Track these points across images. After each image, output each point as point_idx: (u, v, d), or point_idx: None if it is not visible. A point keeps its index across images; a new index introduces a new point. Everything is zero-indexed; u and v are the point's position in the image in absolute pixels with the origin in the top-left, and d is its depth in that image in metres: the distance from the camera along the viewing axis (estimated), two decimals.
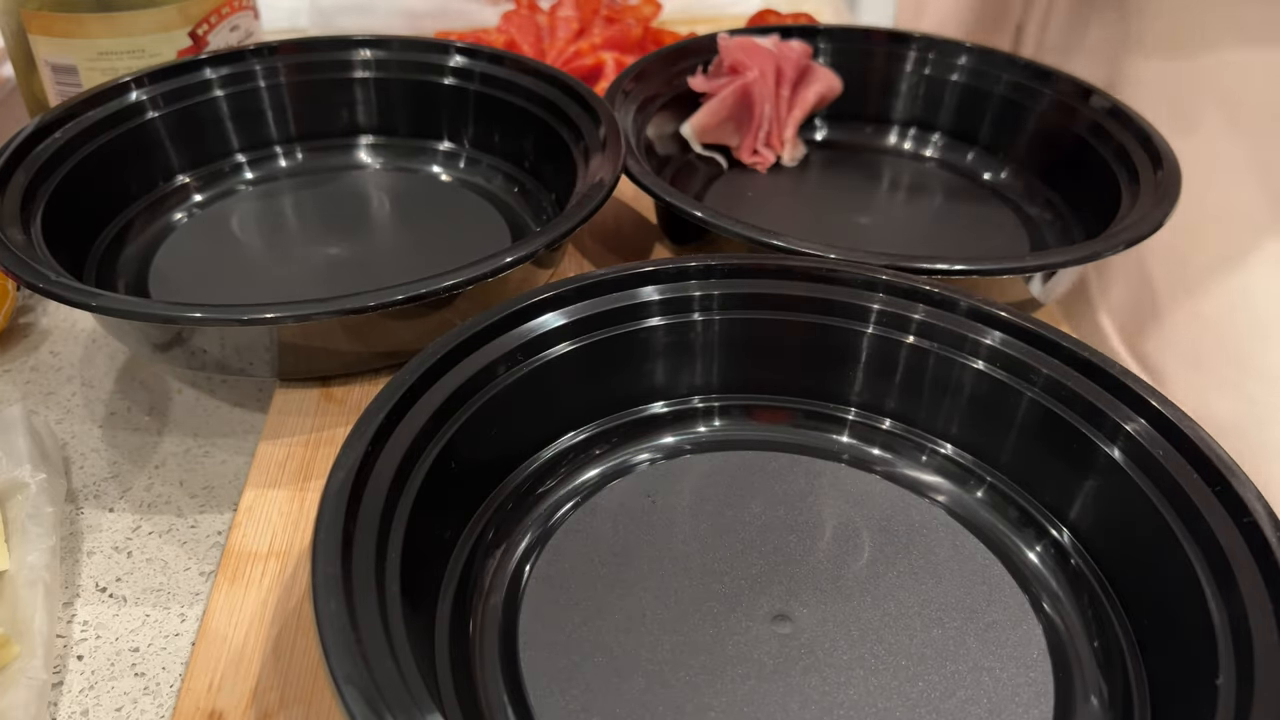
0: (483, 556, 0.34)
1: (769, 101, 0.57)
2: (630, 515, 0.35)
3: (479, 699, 0.30)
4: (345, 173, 0.56)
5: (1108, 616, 0.33)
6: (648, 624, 0.32)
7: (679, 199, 0.45)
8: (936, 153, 0.61)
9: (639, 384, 0.39)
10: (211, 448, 0.42)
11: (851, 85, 0.61)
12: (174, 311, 0.37)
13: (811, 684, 0.30)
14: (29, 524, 0.35)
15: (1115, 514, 0.34)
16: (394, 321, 0.41)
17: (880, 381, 0.39)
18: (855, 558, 0.34)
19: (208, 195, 0.53)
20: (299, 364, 0.42)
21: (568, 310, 0.37)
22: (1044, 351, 0.36)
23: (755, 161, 0.58)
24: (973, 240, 0.53)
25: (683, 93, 0.58)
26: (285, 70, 0.54)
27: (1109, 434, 0.34)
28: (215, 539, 0.38)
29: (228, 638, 0.33)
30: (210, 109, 0.53)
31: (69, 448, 0.42)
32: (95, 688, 0.33)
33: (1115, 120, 0.53)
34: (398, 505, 0.30)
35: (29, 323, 0.49)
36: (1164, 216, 0.45)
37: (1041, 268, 0.43)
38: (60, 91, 0.55)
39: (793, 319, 0.39)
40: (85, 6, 0.52)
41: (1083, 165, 0.53)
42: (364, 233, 0.51)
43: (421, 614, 0.30)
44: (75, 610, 0.35)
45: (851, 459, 0.38)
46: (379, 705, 0.23)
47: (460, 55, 0.55)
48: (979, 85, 0.59)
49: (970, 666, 0.31)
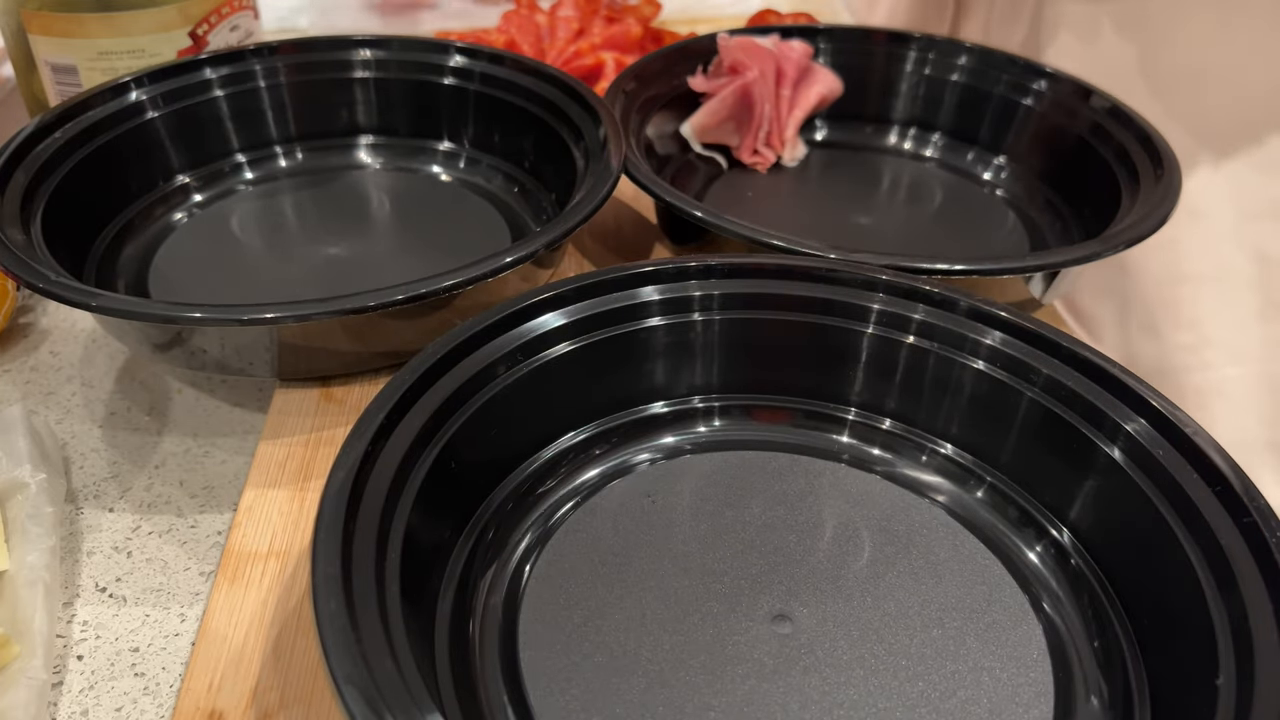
0: (483, 556, 0.34)
1: (769, 101, 0.57)
2: (630, 515, 0.35)
3: (479, 699, 0.30)
4: (345, 173, 0.56)
5: (1108, 616, 0.33)
6: (648, 624, 0.32)
7: (679, 199, 0.45)
8: (936, 153, 0.61)
9: (639, 384, 0.39)
10: (211, 448, 0.42)
11: (852, 85, 0.61)
12: (174, 311, 0.37)
13: (811, 684, 0.30)
14: (29, 524, 0.35)
15: (1115, 514, 0.34)
16: (394, 321, 0.41)
17: (880, 381, 0.39)
18: (855, 558, 0.34)
19: (208, 195, 0.53)
20: (299, 364, 0.42)
21: (568, 310, 0.37)
22: (1044, 351, 0.36)
23: (755, 161, 0.58)
24: (973, 240, 0.53)
25: (683, 93, 0.58)
26: (285, 70, 0.54)
27: (1109, 434, 0.34)
28: (215, 539, 0.38)
29: (228, 638, 0.33)
30: (210, 109, 0.53)
31: (69, 448, 0.42)
32: (95, 688, 0.33)
33: (1115, 120, 0.53)
34: (398, 505, 0.30)
35: (29, 323, 0.49)
36: (1165, 216, 0.45)
37: (1041, 267, 0.43)
38: (60, 91, 0.55)
39: (793, 319, 0.39)
40: (85, 6, 0.52)
41: (1083, 165, 0.53)
42: (364, 233, 0.51)
43: (421, 614, 0.30)
44: (75, 610, 0.35)
45: (851, 459, 0.38)
46: (379, 705, 0.23)
47: (460, 55, 0.55)
48: (979, 85, 0.59)
49: (970, 666, 0.31)
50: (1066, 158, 0.55)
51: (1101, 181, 0.51)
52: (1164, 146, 0.50)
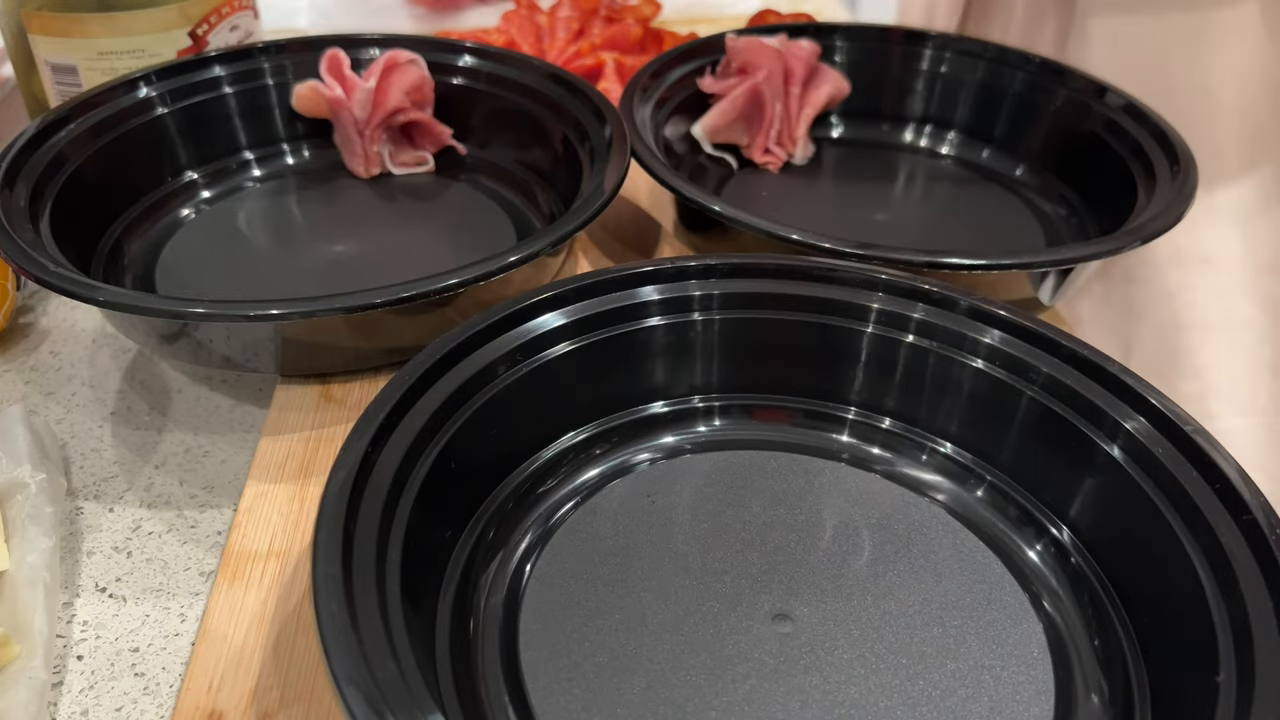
0: (483, 556, 0.34)
1: (779, 101, 0.57)
2: (630, 515, 0.35)
3: (480, 699, 0.30)
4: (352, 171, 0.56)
5: (1108, 615, 0.33)
6: (648, 624, 0.32)
7: (703, 197, 0.45)
8: (952, 150, 0.60)
9: (639, 384, 0.39)
10: (212, 447, 0.42)
11: (866, 83, 0.60)
12: (180, 307, 0.37)
13: (812, 683, 0.30)
14: (29, 524, 0.35)
15: (1115, 512, 0.34)
16: (399, 319, 0.41)
17: (880, 381, 0.39)
18: (855, 557, 0.34)
19: (215, 192, 0.53)
20: (302, 360, 0.42)
21: (568, 310, 0.37)
22: (1044, 350, 0.36)
23: (767, 161, 0.58)
24: (988, 237, 0.53)
25: (691, 94, 0.58)
26: (293, 68, 0.55)
27: (1109, 432, 0.34)
28: (215, 538, 0.38)
29: (228, 637, 0.33)
30: (218, 106, 0.53)
31: (69, 447, 0.42)
32: (95, 688, 0.33)
33: (1130, 117, 0.53)
34: (398, 505, 0.30)
35: (29, 323, 0.49)
36: (1181, 212, 0.45)
37: (1060, 263, 0.43)
38: (60, 92, 0.55)
39: (793, 319, 0.39)
40: (85, 6, 0.52)
41: (1098, 162, 0.53)
42: (369, 230, 0.52)
43: (422, 614, 0.30)
44: (75, 610, 0.35)
45: (851, 458, 0.38)
46: (380, 705, 0.23)
47: (466, 54, 0.55)
48: (994, 82, 0.59)
49: (971, 665, 0.31)
50: (1082, 155, 0.55)
51: (1117, 178, 0.51)
52: (1180, 144, 0.50)
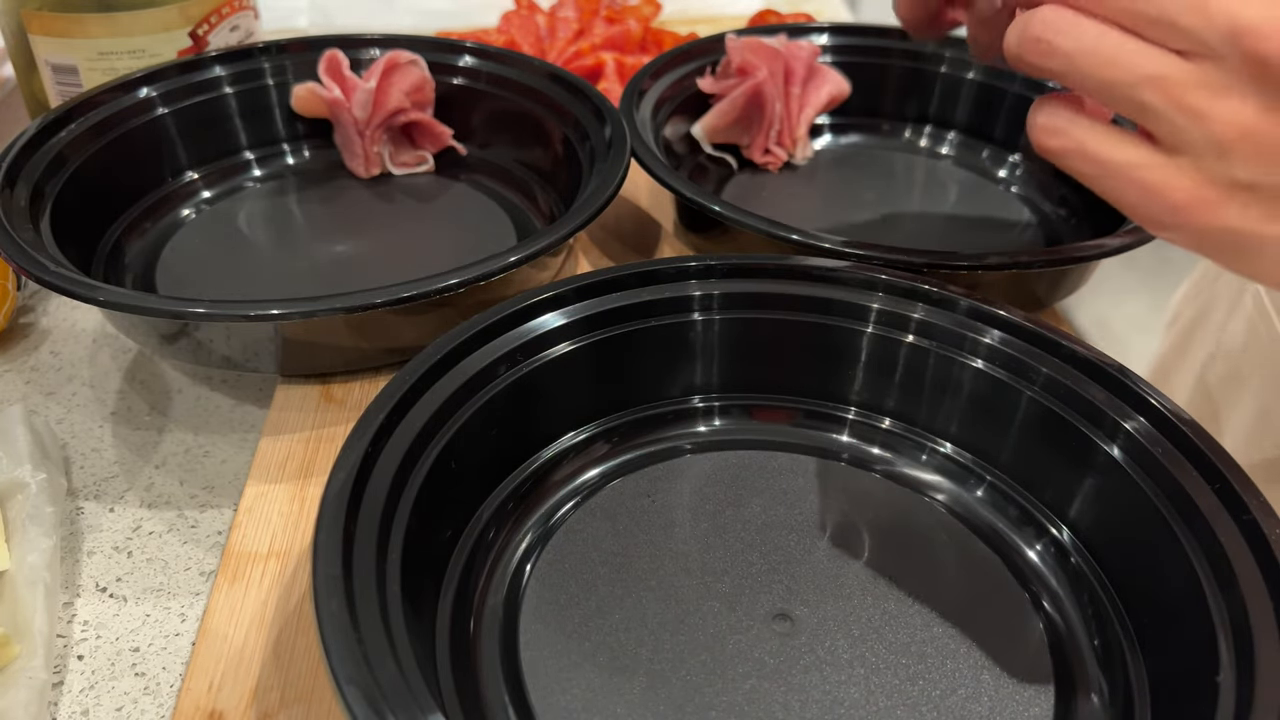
0: (483, 556, 0.34)
1: (779, 101, 0.57)
2: (630, 515, 0.35)
3: (480, 698, 0.30)
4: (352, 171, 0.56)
5: (1108, 614, 0.33)
6: (648, 623, 0.32)
7: (707, 198, 0.45)
8: (952, 150, 0.60)
9: (639, 384, 0.39)
10: (212, 447, 0.42)
11: (866, 83, 0.60)
12: (180, 307, 0.37)
13: (812, 683, 0.30)
14: (29, 524, 0.35)
15: (1115, 512, 0.34)
16: (399, 319, 0.41)
17: (880, 381, 0.39)
18: (855, 557, 0.34)
19: (216, 192, 0.53)
20: (303, 360, 0.42)
21: (568, 310, 0.37)
22: (1044, 350, 0.36)
23: (767, 161, 0.58)
24: (988, 237, 0.53)
25: (691, 95, 0.58)
26: (293, 68, 0.55)
27: (1108, 432, 0.34)
28: (216, 538, 0.38)
29: (228, 638, 0.33)
30: (219, 106, 0.53)
31: (69, 447, 0.42)
32: (95, 688, 0.33)
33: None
34: (398, 505, 0.30)
35: (29, 323, 0.49)
36: None
37: (1060, 262, 0.43)
38: (60, 92, 0.55)
39: (793, 319, 0.39)
40: (85, 6, 0.52)
41: None
42: (370, 230, 0.52)
43: (422, 614, 0.30)
44: (75, 610, 0.35)
45: (851, 458, 0.38)
46: (380, 705, 0.23)
47: (466, 55, 0.55)
48: (993, 83, 0.59)
49: (971, 664, 0.31)
50: None
51: None
52: None
